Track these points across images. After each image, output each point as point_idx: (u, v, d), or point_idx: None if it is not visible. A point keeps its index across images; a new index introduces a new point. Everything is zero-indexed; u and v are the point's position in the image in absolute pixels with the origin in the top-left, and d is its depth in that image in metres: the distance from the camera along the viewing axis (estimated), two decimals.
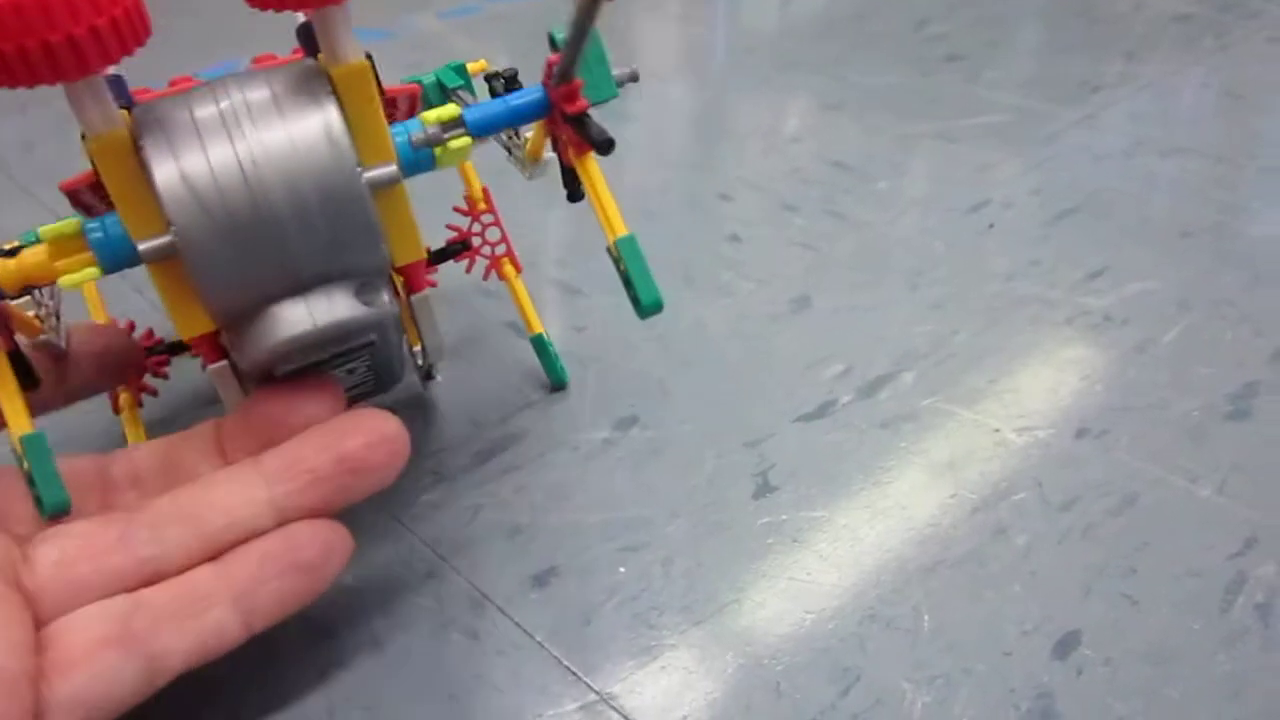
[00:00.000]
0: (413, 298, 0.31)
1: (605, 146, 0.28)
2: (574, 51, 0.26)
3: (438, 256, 0.38)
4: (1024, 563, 0.32)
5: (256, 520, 0.27)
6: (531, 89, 0.30)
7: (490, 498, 0.35)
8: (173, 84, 0.30)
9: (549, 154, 0.33)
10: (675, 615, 0.30)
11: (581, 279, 0.46)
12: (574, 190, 0.32)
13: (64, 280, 0.25)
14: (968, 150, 0.57)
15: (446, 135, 0.27)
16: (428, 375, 0.38)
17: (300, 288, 0.26)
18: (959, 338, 0.42)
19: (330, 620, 0.31)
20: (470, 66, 0.36)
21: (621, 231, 0.28)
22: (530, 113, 0.29)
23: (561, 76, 0.28)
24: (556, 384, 0.39)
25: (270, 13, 0.24)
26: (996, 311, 0.43)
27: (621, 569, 0.32)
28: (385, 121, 0.26)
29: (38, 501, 0.25)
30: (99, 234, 0.25)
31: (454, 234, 0.39)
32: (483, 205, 0.39)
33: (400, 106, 0.32)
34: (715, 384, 0.40)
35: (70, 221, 0.26)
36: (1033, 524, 0.33)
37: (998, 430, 0.37)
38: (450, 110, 0.28)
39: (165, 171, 0.24)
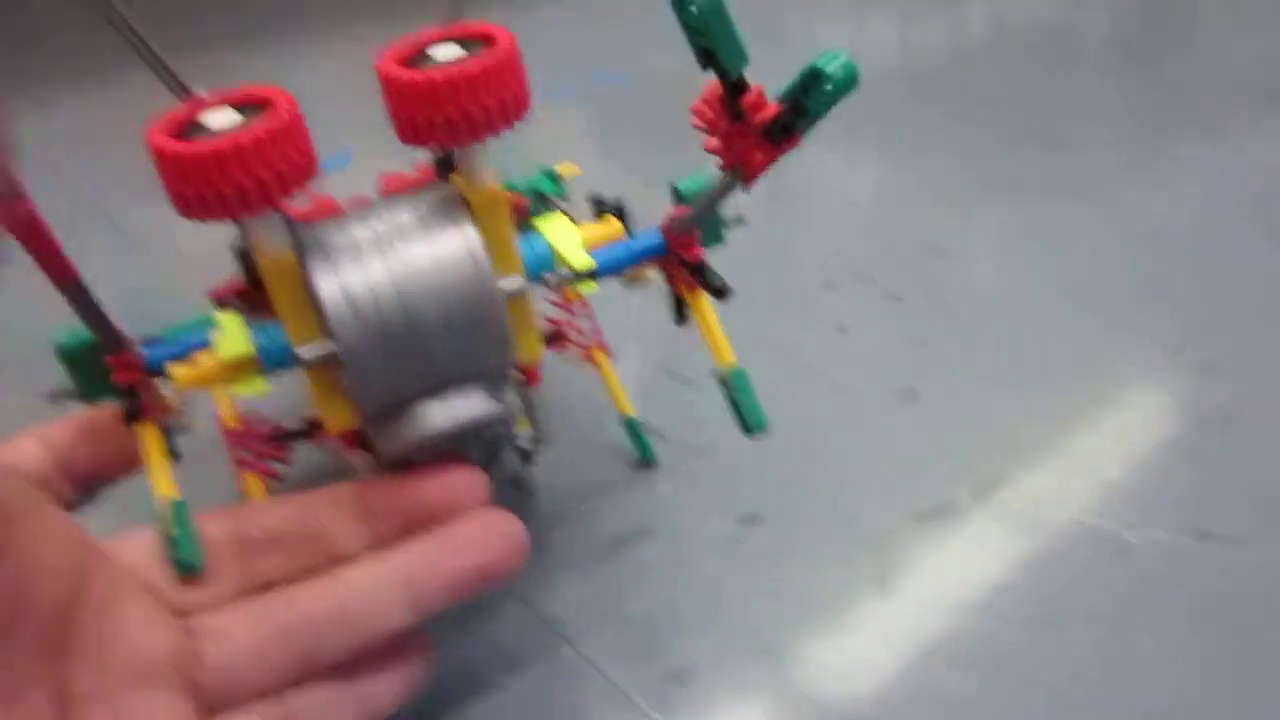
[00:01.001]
0: (529, 391, 0.33)
1: (723, 293, 0.32)
2: (702, 215, 0.30)
3: None
4: (1154, 669, 0.32)
5: (394, 619, 0.29)
6: (650, 234, 0.32)
7: (630, 593, 0.36)
8: (315, 202, 0.34)
9: (653, 274, 0.35)
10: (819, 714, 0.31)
11: (694, 371, 0.47)
12: (681, 315, 0.35)
13: (237, 389, 0.29)
14: (1077, 240, 0.57)
15: (577, 280, 0.31)
16: (526, 457, 0.40)
17: (440, 388, 0.29)
18: (1077, 438, 0.42)
19: (473, 716, 0.32)
20: (562, 170, 0.39)
21: (730, 361, 0.32)
22: (649, 254, 0.33)
23: (684, 230, 0.31)
24: (644, 461, 0.42)
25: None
26: (1115, 409, 0.44)
27: (757, 669, 0.33)
28: (514, 238, 0.29)
29: (175, 563, 0.28)
30: (265, 344, 0.28)
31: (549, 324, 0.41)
32: (575, 298, 0.42)
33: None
34: (833, 480, 0.41)
35: (243, 340, 0.28)
36: (1157, 632, 0.33)
37: (1121, 535, 0.37)
38: (587, 262, 0.30)
39: (328, 287, 0.27)
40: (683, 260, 0.32)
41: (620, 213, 0.34)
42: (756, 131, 0.24)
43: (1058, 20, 1.00)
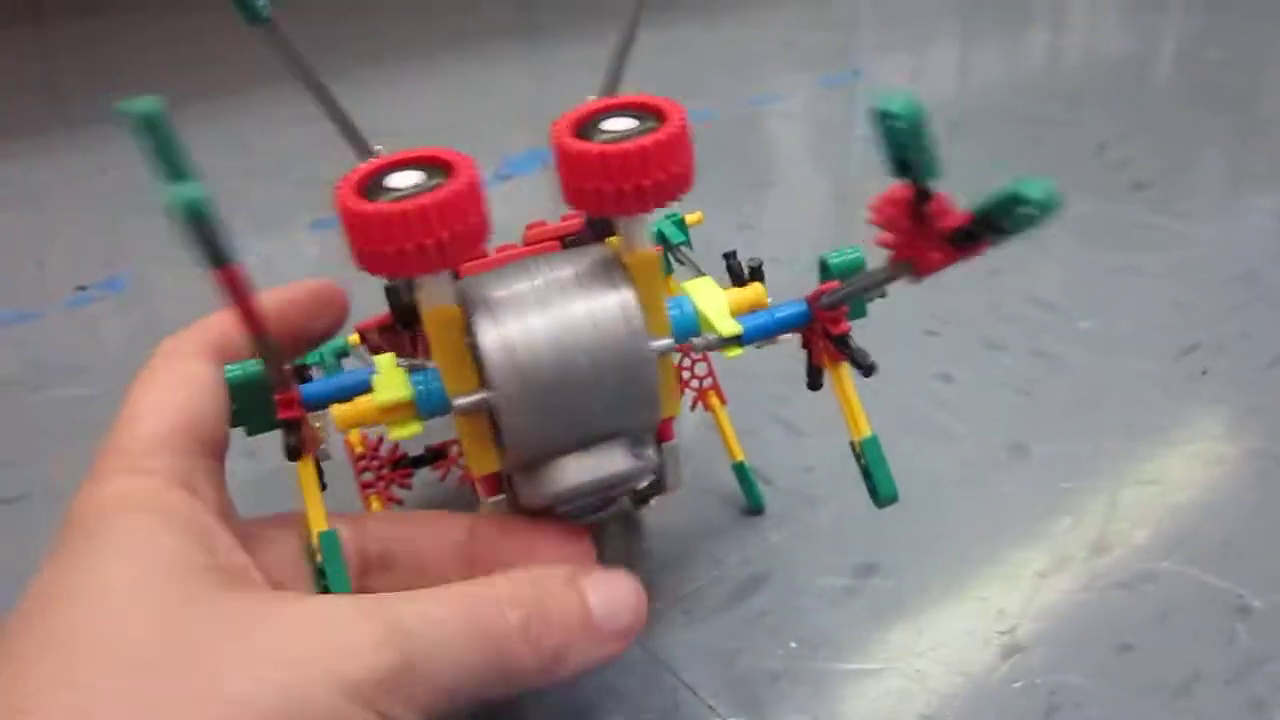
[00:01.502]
0: (664, 445, 0.33)
1: (869, 371, 0.32)
2: (857, 295, 0.31)
3: None
4: None
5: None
6: (795, 304, 0.33)
7: (746, 641, 0.36)
8: (499, 250, 0.35)
9: (788, 337, 0.35)
10: None
11: (804, 420, 0.48)
12: (815, 381, 0.35)
13: (393, 434, 0.29)
14: (1167, 287, 0.57)
15: (724, 345, 0.31)
16: (643, 501, 0.40)
17: (586, 443, 0.29)
18: (1185, 494, 0.42)
19: None
20: (688, 219, 0.40)
21: (866, 433, 0.33)
22: (793, 324, 0.33)
23: (834, 305, 0.32)
24: (754, 508, 0.42)
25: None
26: (1221, 466, 0.44)
27: None
28: (664, 303, 0.30)
29: (324, 592, 0.29)
30: (423, 388, 0.29)
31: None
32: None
33: None
34: (947, 533, 0.41)
35: (402, 386, 0.29)
36: None
37: (1240, 596, 0.37)
38: (735, 329, 0.31)
39: (490, 338, 0.28)
40: (828, 334, 0.32)
41: (760, 275, 0.34)
42: (939, 235, 0.24)
43: (1128, 56, 1.00)
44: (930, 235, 0.25)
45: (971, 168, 0.75)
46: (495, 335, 0.28)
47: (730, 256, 0.36)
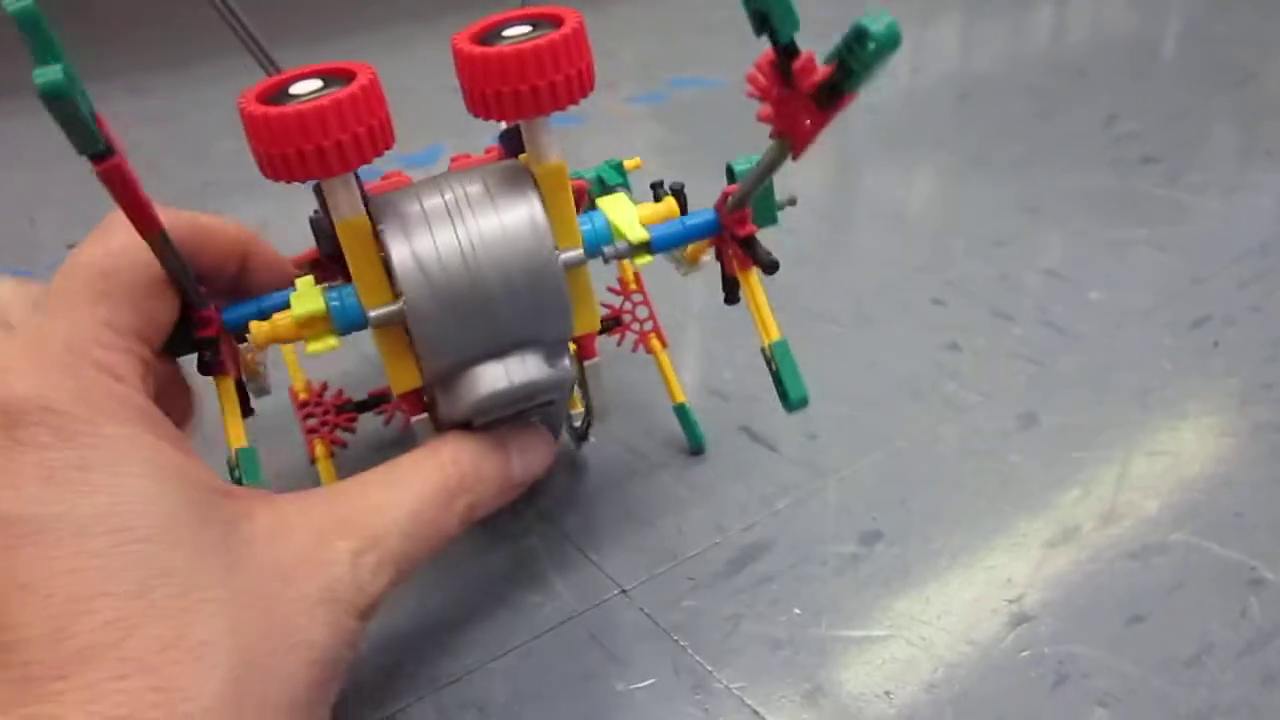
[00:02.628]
0: (586, 363, 0.34)
1: (771, 268, 0.32)
2: (752, 189, 0.31)
3: None
4: None
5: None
6: (704, 212, 0.34)
7: (748, 609, 0.36)
8: (386, 177, 0.36)
9: (707, 258, 0.37)
10: None
11: (810, 385, 0.47)
12: (732, 295, 0.35)
13: (309, 348, 0.30)
14: (1179, 260, 0.57)
15: (633, 253, 0.32)
16: (582, 437, 0.42)
17: (500, 352, 0.30)
18: (1196, 466, 0.42)
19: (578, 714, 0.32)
20: (627, 164, 0.40)
21: (776, 336, 0.33)
22: (704, 233, 0.34)
23: (736, 205, 0.32)
24: (695, 448, 0.43)
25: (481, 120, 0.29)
26: (1233, 438, 0.43)
27: (889, 691, 0.33)
28: (575, 212, 0.31)
29: None
30: (337, 303, 0.30)
31: (607, 311, 0.43)
32: (633, 286, 0.43)
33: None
34: (954, 502, 0.40)
35: (315, 299, 0.30)
36: None
37: (1254, 568, 0.37)
38: (642, 235, 0.32)
39: (400, 251, 0.28)
40: (734, 236, 0.33)
41: (678, 195, 0.35)
42: (805, 97, 0.23)
43: (1134, 31, 0.99)
44: (798, 100, 0.24)
45: (981, 136, 0.74)
46: (406, 248, 0.28)
47: (658, 186, 0.36)
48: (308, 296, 0.30)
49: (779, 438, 0.43)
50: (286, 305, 0.30)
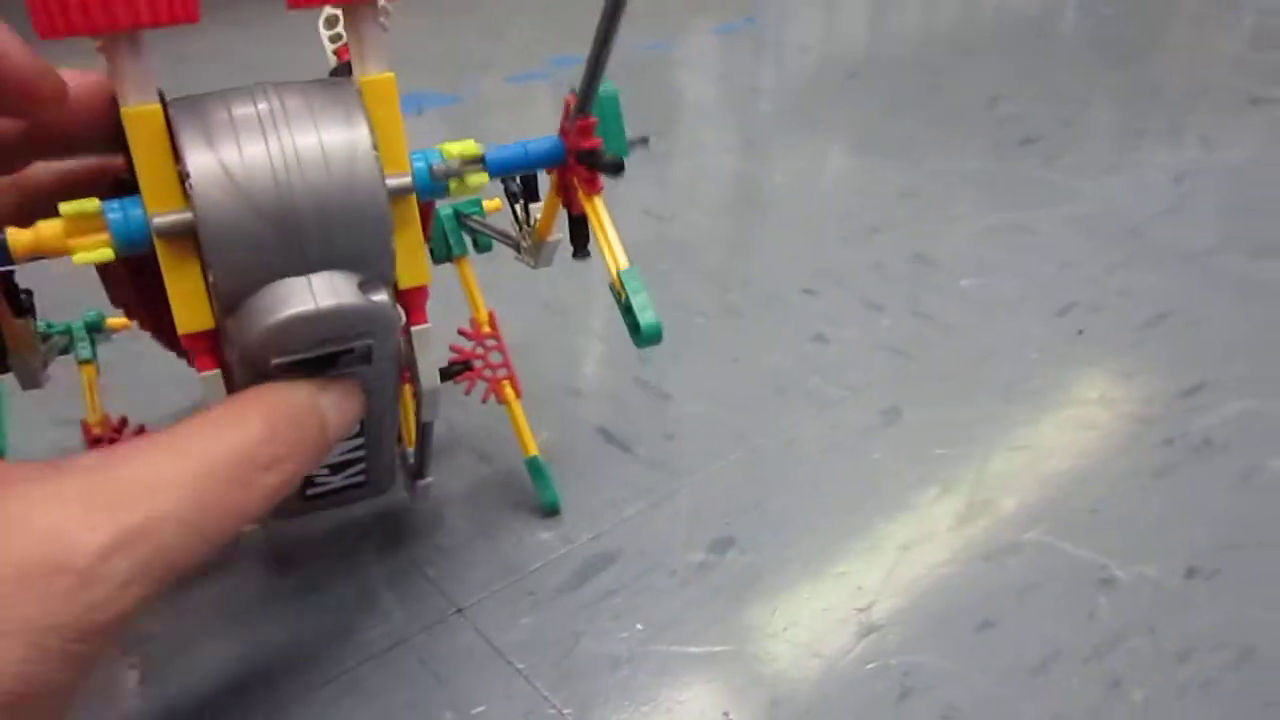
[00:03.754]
0: (413, 329, 0.29)
1: (615, 168, 0.29)
2: (590, 79, 0.28)
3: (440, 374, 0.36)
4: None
5: None
6: (547, 137, 0.31)
7: (589, 624, 0.34)
8: None
9: (557, 235, 0.34)
10: None
11: (670, 382, 0.45)
12: (581, 243, 0.33)
13: (77, 257, 0.25)
14: (1051, 244, 0.56)
15: (465, 170, 0.28)
16: (417, 474, 0.36)
17: (306, 270, 0.26)
18: (1055, 460, 0.41)
19: None
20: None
21: (624, 264, 0.29)
22: (545, 158, 0.31)
23: (579, 109, 0.29)
24: (547, 508, 0.38)
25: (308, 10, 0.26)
26: (1092, 431, 0.43)
27: (727, 712, 0.31)
28: (404, 137, 0.27)
29: None
30: (118, 214, 0.25)
31: (456, 355, 0.39)
32: (488, 329, 0.39)
33: None
34: (811, 503, 0.39)
35: (90, 200, 0.25)
36: (1148, 676, 0.32)
37: (1104, 566, 0.36)
38: (471, 147, 0.28)
39: (199, 159, 0.24)
40: (578, 155, 0.30)
41: (529, 182, 0.34)
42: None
43: (1032, 11, 0.99)
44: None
45: (864, 118, 0.74)
46: (208, 158, 0.24)
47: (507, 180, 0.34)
48: (84, 219, 0.25)
49: (635, 439, 0.42)
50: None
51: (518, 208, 0.35)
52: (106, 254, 0.25)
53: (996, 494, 0.39)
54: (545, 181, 0.32)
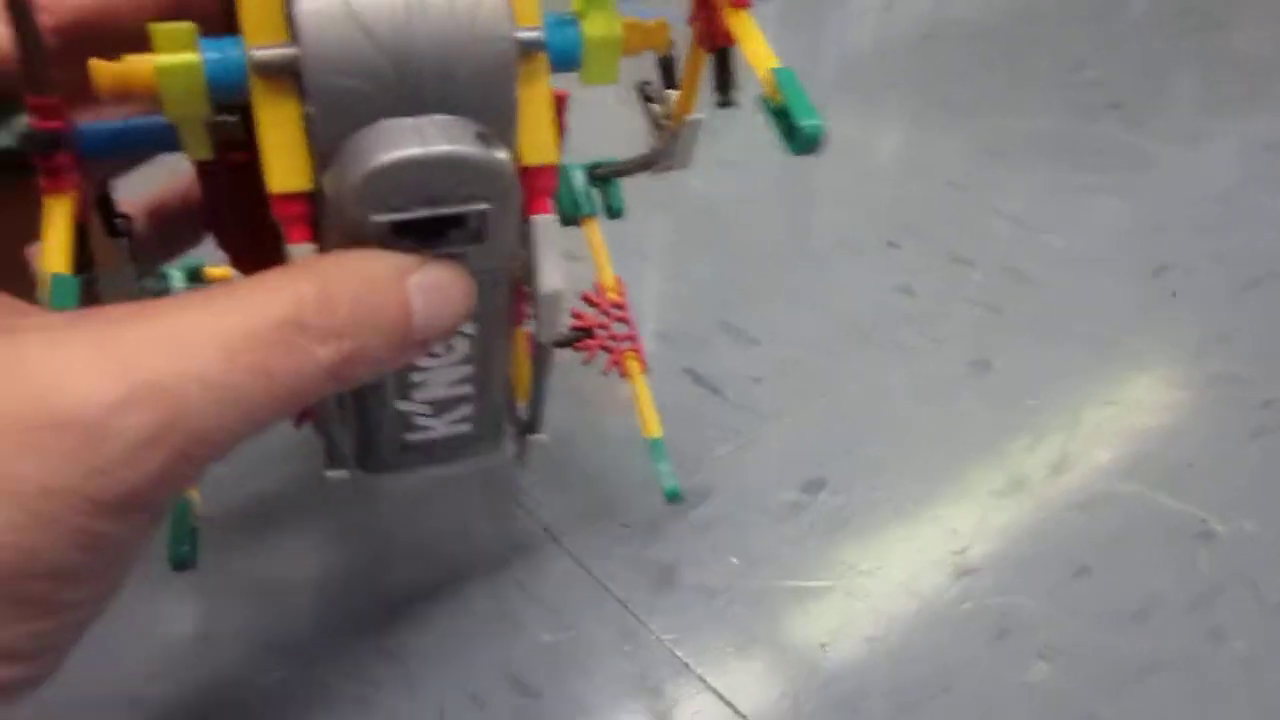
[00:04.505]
0: (533, 218, 0.25)
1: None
2: None
3: (557, 342, 0.34)
4: (1245, 671, 0.31)
5: None
6: None
7: (685, 556, 0.34)
8: None
9: (697, 114, 0.30)
10: (882, 702, 0.30)
11: (755, 327, 0.45)
12: (727, 82, 0.28)
13: (169, 110, 0.22)
14: (1141, 207, 0.55)
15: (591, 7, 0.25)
16: (529, 428, 0.31)
17: (417, 112, 0.23)
18: (1149, 417, 0.40)
19: (532, 679, 0.30)
20: None
21: (775, 62, 0.25)
22: None
23: None
24: (669, 496, 0.35)
25: None
26: (1189, 389, 0.42)
27: (824, 645, 0.31)
28: None
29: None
30: (216, 54, 0.22)
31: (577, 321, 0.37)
32: (614, 295, 0.37)
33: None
34: (900, 449, 0.39)
35: (186, 24, 0.22)
36: (1251, 628, 0.32)
37: (1204, 520, 0.36)
38: None
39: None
40: None
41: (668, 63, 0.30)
42: None
43: None
44: None
45: (944, 78, 0.72)
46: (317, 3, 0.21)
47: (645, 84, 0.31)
48: (175, 39, 0.22)
49: (723, 381, 0.42)
50: (163, 134, 0.23)
51: (654, 108, 0.32)
52: (200, 105, 0.22)
53: (1089, 446, 0.39)
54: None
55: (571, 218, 0.36)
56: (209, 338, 0.19)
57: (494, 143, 0.23)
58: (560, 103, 0.27)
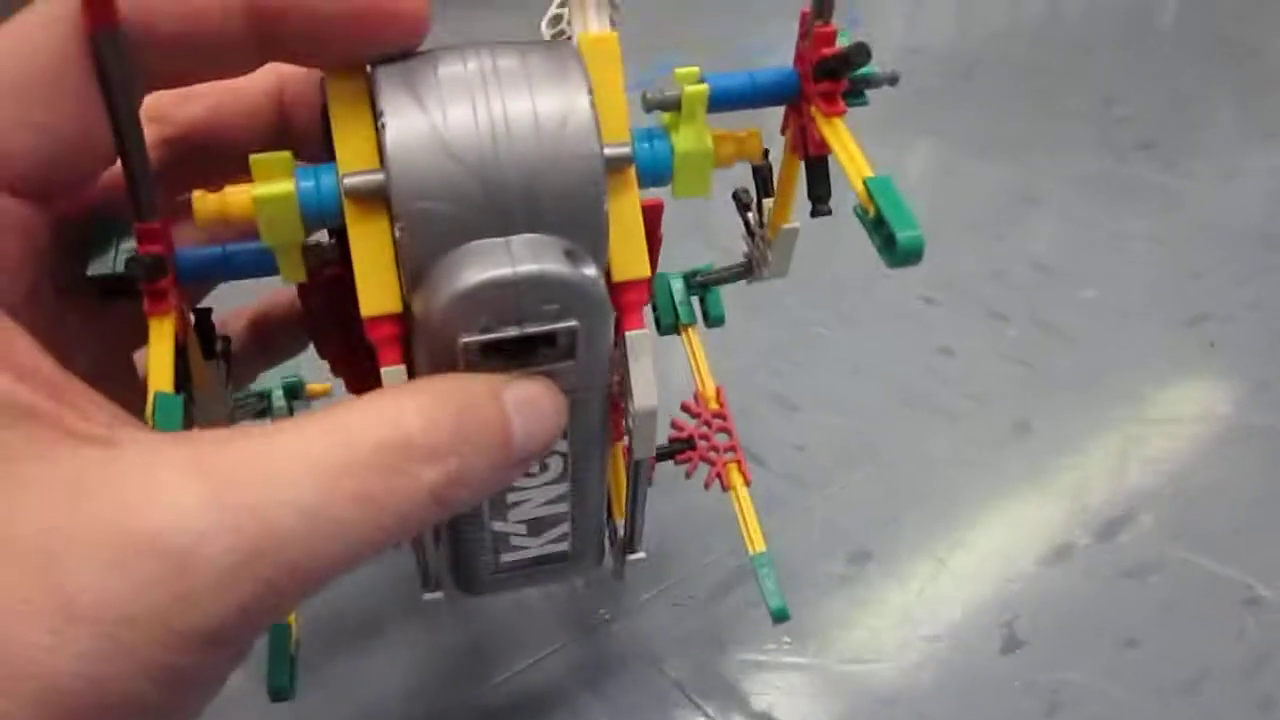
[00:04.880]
0: (627, 334, 0.25)
1: (861, 51, 0.25)
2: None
3: (658, 454, 0.34)
4: None
5: None
6: (775, 68, 0.27)
7: (733, 634, 0.35)
8: None
9: (793, 224, 0.31)
10: None
11: (796, 394, 0.46)
12: (822, 191, 0.28)
13: (266, 236, 0.23)
14: (1176, 252, 0.55)
15: (679, 105, 0.25)
16: (627, 547, 0.31)
17: (505, 232, 0.23)
18: (1194, 476, 0.41)
19: None
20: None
21: (869, 172, 0.25)
22: (775, 87, 0.26)
23: (817, 14, 0.25)
24: (777, 616, 0.31)
25: None
26: (1230, 445, 0.42)
27: None
28: (625, 104, 0.24)
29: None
30: (310, 183, 0.23)
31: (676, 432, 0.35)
32: (714, 405, 0.35)
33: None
34: (946, 518, 0.39)
35: (282, 154, 0.23)
36: None
37: (1250, 587, 0.36)
38: (691, 71, 0.25)
39: (399, 123, 0.22)
40: (819, 64, 0.25)
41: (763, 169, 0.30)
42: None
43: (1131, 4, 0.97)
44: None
45: (975, 120, 0.73)
46: (408, 121, 0.22)
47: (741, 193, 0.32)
48: (274, 170, 0.23)
49: (766, 451, 0.43)
50: (260, 259, 0.24)
51: (750, 216, 0.32)
52: (293, 233, 0.23)
53: (1133, 510, 0.39)
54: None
55: (671, 326, 0.36)
56: (308, 464, 0.18)
57: (582, 259, 0.23)
58: (655, 214, 0.27)
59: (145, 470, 0.17)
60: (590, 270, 0.23)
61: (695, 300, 0.36)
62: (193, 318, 0.27)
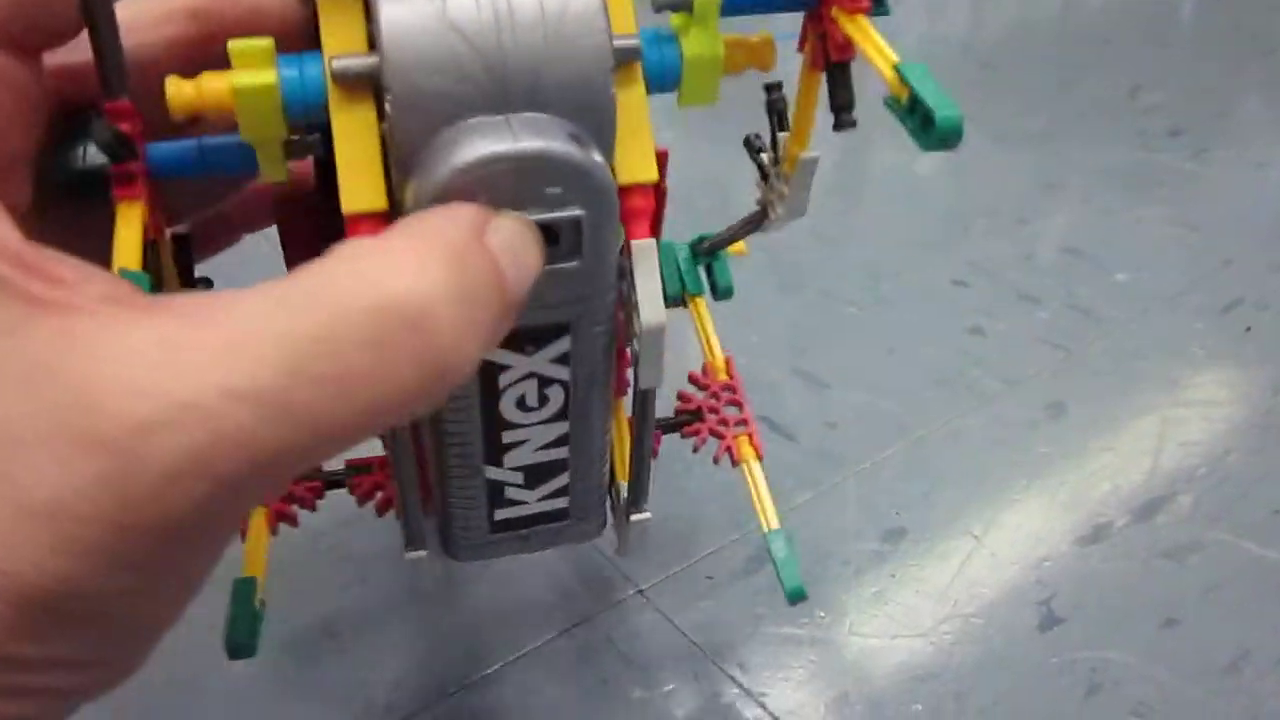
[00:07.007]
0: (633, 243, 0.23)
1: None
2: None
3: (664, 426, 0.33)
4: None
5: None
6: None
7: (768, 608, 0.35)
8: None
9: (812, 153, 0.28)
10: None
11: (827, 371, 0.45)
12: (845, 101, 0.26)
13: (245, 131, 0.21)
14: (1208, 239, 0.55)
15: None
16: (632, 505, 0.29)
17: (505, 108, 0.21)
18: (1231, 457, 0.40)
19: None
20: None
21: (896, 59, 0.24)
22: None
23: None
24: (791, 596, 0.30)
25: None
26: (1268, 429, 0.42)
27: (917, 706, 0.31)
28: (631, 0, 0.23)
29: None
30: (294, 72, 0.21)
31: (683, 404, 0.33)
32: (723, 376, 0.34)
33: None
34: (981, 496, 0.39)
35: (267, 69, 0.21)
36: None
37: None
38: None
39: (393, 9, 0.20)
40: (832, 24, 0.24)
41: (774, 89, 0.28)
42: None
43: None
44: None
45: (1002, 109, 0.72)
46: (402, 8, 0.20)
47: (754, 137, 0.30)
48: (254, 57, 0.21)
49: (798, 428, 0.42)
50: (238, 154, 0.23)
51: (764, 157, 0.30)
52: (276, 128, 0.21)
53: (1172, 491, 0.39)
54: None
55: (677, 297, 0.34)
56: (265, 342, 0.16)
57: (588, 144, 0.21)
58: (660, 160, 0.25)
59: (104, 348, 0.16)
60: (597, 155, 0.21)
61: (702, 270, 0.34)
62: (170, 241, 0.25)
